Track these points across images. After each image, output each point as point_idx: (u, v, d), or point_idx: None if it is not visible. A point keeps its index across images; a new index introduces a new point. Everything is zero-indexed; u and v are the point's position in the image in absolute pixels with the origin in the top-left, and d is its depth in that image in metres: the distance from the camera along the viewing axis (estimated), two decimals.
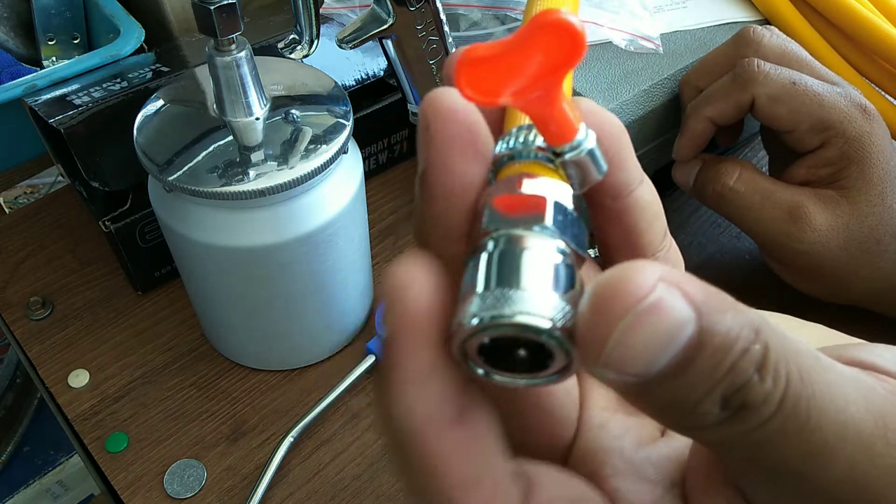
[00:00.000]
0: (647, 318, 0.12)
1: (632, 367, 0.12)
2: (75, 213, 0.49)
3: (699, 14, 0.46)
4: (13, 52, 0.52)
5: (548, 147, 0.15)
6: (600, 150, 0.15)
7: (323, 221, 0.34)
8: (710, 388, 0.12)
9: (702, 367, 0.12)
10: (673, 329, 0.12)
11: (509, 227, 0.14)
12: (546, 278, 0.13)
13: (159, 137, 0.33)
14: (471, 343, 0.13)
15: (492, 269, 0.14)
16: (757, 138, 0.54)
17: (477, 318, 0.13)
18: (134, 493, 0.37)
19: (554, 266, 0.13)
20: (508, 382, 0.14)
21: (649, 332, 0.12)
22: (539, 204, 0.14)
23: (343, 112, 0.34)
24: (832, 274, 0.39)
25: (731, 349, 0.12)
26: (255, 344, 0.40)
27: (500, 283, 0.13)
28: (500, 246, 0.14)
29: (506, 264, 0.13)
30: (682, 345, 0.12)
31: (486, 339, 0.13)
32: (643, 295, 0.12)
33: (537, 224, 0.14)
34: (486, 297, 0.13)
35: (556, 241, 0.14)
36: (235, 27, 0.30)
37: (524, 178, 0.15)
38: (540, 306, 0.13)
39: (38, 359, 0.42)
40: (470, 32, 0.43)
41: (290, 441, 0.38)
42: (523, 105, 0.14)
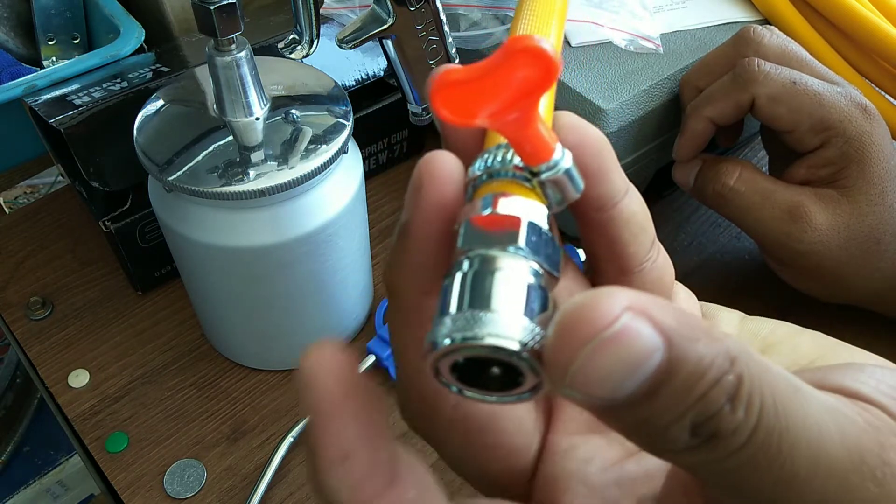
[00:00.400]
0: (610, 345, 0.12)
1: (597, 391, 0.12)
2: (75, 213, 0.49)
3: (699, 14, 0.46)
4: (13, 52, 0.52)
5: (525, 167, 0.15)
6: (577, 168, 0.15)
7: (323, 221, 0.34)
8: (679, 415, 0.12)
9: (670, 394, 0.12)
10: (639, 357, 0.12)
11: (484, 246, 0.14)
12: (517, 300, 0.13)
13: (159, 137, 0.33)
14: (443, 362, 0.14)
15: (465, 290, 0.14)
16: (757, 138, 0.54)
17: (448, 339, 0.13)
18: (134, 493, 0.37)
19: (526, 288, 0.14)
20: (480, 399, 0.14)
21: (613, 359, 0.12)
22: (514, 224, 0.14)
23: (343, 112, 0.34)
24: (832, 274, 0.39)
25: (703, 378, 0.12)
26: (255, 344, 0.40)
27: (472, 304, 0.13)
28: (473, 266, 0.14)
29: (478, 285, 0.14)
30: (649, 372, 0.12)
31: (459, 357, 0.13)
32: (607, 323, 0.12)
33: (511, 245, 0.14)
34: (458, 318, 0.13)
35: (529, 263, 0.14)
36: (235, 27, 0.30)
37: (500, 197, 0.15)
38: (510, 328, 0.13)
39: (38, 359, 0.42)
40: (470, 32, 0.43)
41: (290, 441, 0.38)
42: (499, 127, 0.14)
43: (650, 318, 0.12)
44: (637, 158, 0.43)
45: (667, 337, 0.12)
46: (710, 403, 0.12)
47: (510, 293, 0.14)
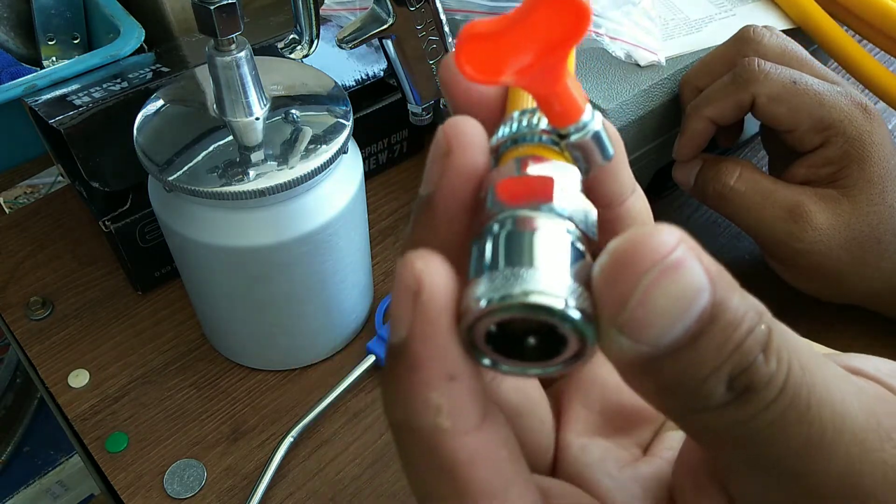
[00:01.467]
0: (670, 276, 0.11)
1: (649, 330, 0.12)
2: (75, 213, 0.49)
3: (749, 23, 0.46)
4: (13, 52, 0.52)
5: (552, 129, 0.14)
6: (607, 133, 0.14)
7: (323, 221, 0.34)
8: (718, 365, 0.12)
9: (712, 342, 0.12)
10: (691, 294, 0.12)
11: (516, 207, 0.13)
12: (556, 258, 0.12)
13: (159, 137, 0.33)
14: (478, 329, 0.13)
15: (499, 251, 0.13)
16: (757, 138, 0.54)
17: (485, 300, 0.12)
18: (134, 493, 0.37)
19: (564, 246, 0.13)
20: (518, 372, 0.13)
21: (670, 292, 0.11)
22: (546, 185, 0.13)
23: (343, 112, 0.34)
24: (833, 273, 0.39)
25: (740, 326, 0.12)
26: (255, 344, 0.40)
27: (509, 263, 0.12)
28: (506, 227, 0.13)
29: (514, 245, 0.13)
30: (696, 314, 0.12)
31: (493, 325, 0.12)
32: (666, 252, 0.11)
33: (545, 205, 0.13)
34: (495, 277, 0.12)
35: (565, 222, 0.13)
36: (235, 27, 0.30)
37: (529, 160, 0.14)
38: (552, 285, 0.12)
39: (38, 359, 0.42)
40: None
41: (290, 441, 0.38)
42: (527, 83, 0.13)
43: (700, 258, 0.12)
44: (637, 158, 0.43)
45: (711, 280, 0.12)
46: (746, 353, 0.12)
47: (550, 251, 0.13)
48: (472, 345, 0.13)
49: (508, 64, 0.13)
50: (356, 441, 0.39)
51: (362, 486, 0.37)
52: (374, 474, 0.38)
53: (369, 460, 0.38)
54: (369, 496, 0.37)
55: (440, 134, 0.14)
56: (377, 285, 0.45)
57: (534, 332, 0.13)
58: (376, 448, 0.39)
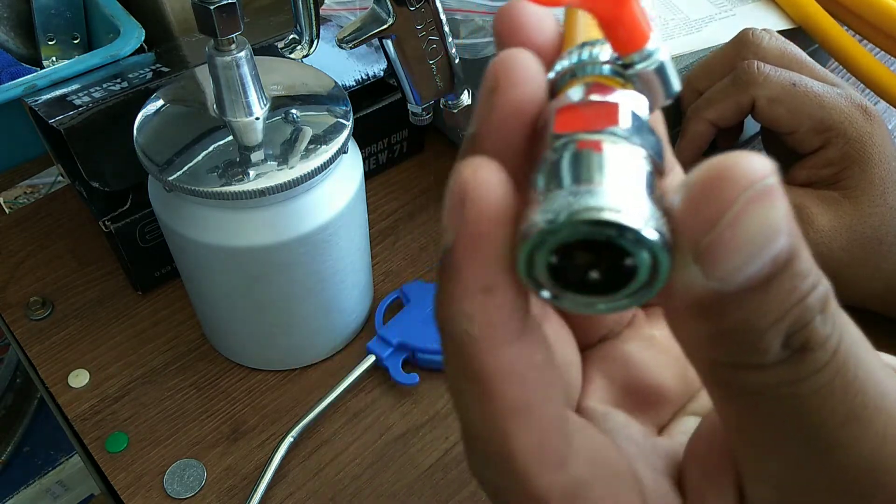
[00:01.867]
0: (762, 203, 0.11)
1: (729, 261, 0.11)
2: (75, 213, 0.49)
3: (747, 22, 0.46)
4: (13, 52, 0.52)
5: (615, 59, 0.14)
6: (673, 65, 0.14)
7: (323, 221, 0.34)
8: (780, 317, 0.12)
9: (780, 289, 0.11)
10: (774, 230, 0.11)
11: (582, 130, 0.12)
12: (630, 177, 0.12)
13: (159, 137, 0.33)
14: (538, 256, 0.12)
15: (563, 172, 0.12)
16: (757, 138, 0.54)
17: (548, 218, 0.11)
18: (134, 493, 0.37)
19: (637, 167, 0.12)
20: (580, 306, 0.12)
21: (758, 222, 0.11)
22: (612, 110, 0.13)
23: (343, 112, 0.34)
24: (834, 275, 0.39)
25: (807, 279, 0.12)
26: (255, 344, 0.40)
27: (577, 180, 0.12)
28: (569, 150, 0.12)
29: (582, 164, 0.12)
30: (773, 255, 0.11)
31: (554, 253, 0.12)
32: (762, 177, 0.11)
33: (611, 128, 0.12)
34: (560, 196, 0.11)
35: (634, 147, 0.12)
36: (235, 27, 0.30)
37: (593, 87, 0.13)
38: (627, 202, 0.11)
39: (38, 359, 0.42)
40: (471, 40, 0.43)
41: (290, 441, 0.37)
42: (590, 4, 0.13)
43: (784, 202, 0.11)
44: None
45: (789, 223, 0.11)
46: (808, 309, 0.12)
47: (622, 171, 0.12)
48: (530, 274, 0.12)
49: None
50: (356, 441, 0.39)
51: (362, 486, 0.37)
52: (374, 474, 0.38)
53: (369, 460, 0.38)
54: (369, 496, 0.37)
55: (489, 68, 0.13)
56: (377, 285, 0.45)
57: (597, 266, 0.12)
58: (376, 448, 0.39)
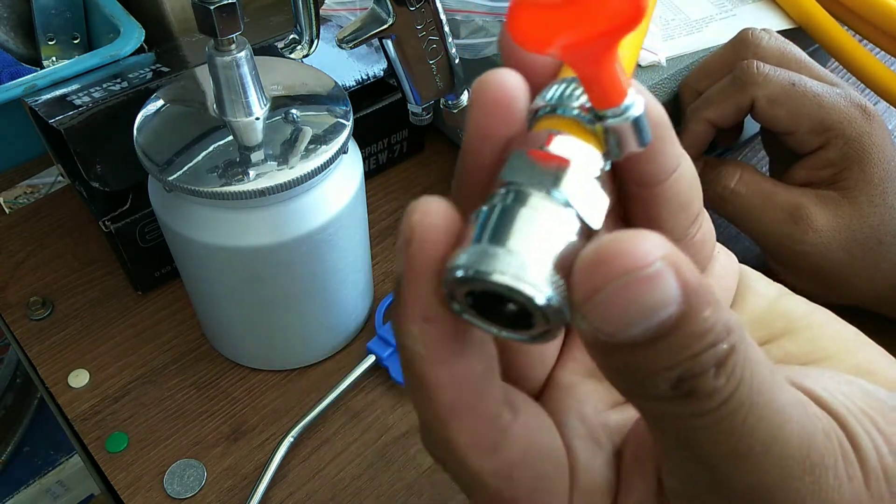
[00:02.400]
0: (640, 286, 0.12)
1: (607, 326, 0.12)
2: (75, 213, 0.49)
3: (748, 22, 0.46)
4: (13, 52, 0.52)
5: (591, 108, 0.14)
6: (647, 120, 0.14)
7: (323, 221, 0.34)
8: (668, 367, 0.13)
9: (668, 347, 0.13)
10: (657, 305, 0.12)
11: (524, 181, 0.14)
12: (541, 242, 0.13)
13: (159, 137, 0.33)
14: (459, 289, 0.13)
15: (490, 223, 0.13)
16: (757, 138, 0.54)
17: (461, 270, 0.13)
18: (134, 493, 0.37)
19: (553, 233, 0.13)
20: (493, 333, 0.14)
21: (636, 300, 0.12)
22: (561, 165, 0.14)
23: (343, 112, 0.34)
24: (834, 275, 0.39)
25: (701, 339, 0.13)
26: (255, 344, 0.40)
27: (493, 238, 0.13)
28: (506, 200, 0.14)
29: (505, 220, 0.13)
30: (659, 321, 0.12)
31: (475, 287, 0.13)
32: (644, 264, 0.12)
33: (551, 187, 0.14)
34: (475, 250, 0.13)
35: (564, 209, 0.13)
36: (235, 27, 0.30)
37: (555, 135, 0.14)
38: (525, 270, 0.13)
39: (38, 359, 0.42)
40: (471, 40, 0.43)
41: (290, 441, 0.38)
42: (571, 60, 0.13)
43: (678, 272, 0.12)
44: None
45: (686, 294, 0.12)
46: (699, 364, 0.13)
47: (537, 234, 0.13)
48: (452, 298, 0.14)
49: (557, 38, 0.13)
50: (356, 441, 0.39)
51: (362, 486, 0.37)
52: (374, 474, 0.38)
53: (369, 460, 0.38)
54: (369, 496, 0.37)
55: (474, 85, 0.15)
56: (377, 285, 0.45)
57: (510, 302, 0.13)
58: (376, 448, 0.39)
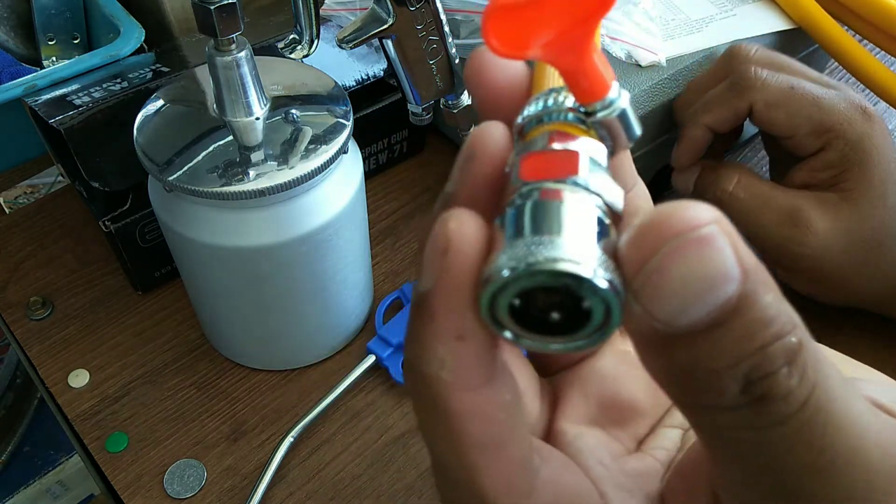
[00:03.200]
0: (692, 249, 0.11)
1: (664, 305, 0.11)
2: (75, 213, 0.49)
3: (748, 22, 0.46)
4: (13, 52, 0.52)
5: (578, 107, 0.14)
6: (633, 111, 0.14)
7: (323, 221, 0.34)
8: (735, 361, 0.11)
9: (733, 334, 0.11)
10: (715, 276, 0.11)
11: (542, 180, 0.13)
12: (583, 228, 0.12)
13: (159, 137, 0.33)
14: (500, 300, 0.12)
15: (523, 221, 0.13)
16: (756, 139, 0.54)
17: (507, 270, 0.12)
18: (134, 493, 0.37)
19: (590, 217, 0.13)
20: (539, 347, 0.13)
21: (691, 269, 0.11)
22: (572, 159, 0.13)
23: (343, 112, 0.34)
24: (834, 277, 0.39)
25: (767, 328, 0.11)
26: (255, 344, 0.40)
27: (535, 231, 0.12)
28: (532, 198, 0.13)
29: (539, 214, 0.13)
30: (720, 300, 0.11)
31: (516, 298, 0.12)
32: (695, 226, 0.11)
33: (571, 177, 0.13)
34: (519, 245, 0.12)
35: (591, 196, 0.13)
36: (235, 27, 0.30)
37: (555, 136, 0.14)
38: (580, 252, 0.12)
39: (38, 359, 0.42)
40: (471, 40, 0.43)
41: (290, 441, 0.37)
42: (553, 58, 0.13)
43: (734, 245, 0.11)
44: (637, 158, 0.43)
45: (745, 272, 0.11)
46: (769, 359, 0.11)
47: (576, 221, 0.12)
48: (493, 317, 0.13)
49: (535, 37, 0.13)
50: (356, 441, 0.39)
51: (362, 486, 0.37)
52: (374, 474, 0.38)
53: (369, 460, 0.38)
54: (369, 496, 0.37)
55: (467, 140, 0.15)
56: (377, 285, 0.45)
57: (556, 307, 0.12)
58: (376, 448, 0.39)
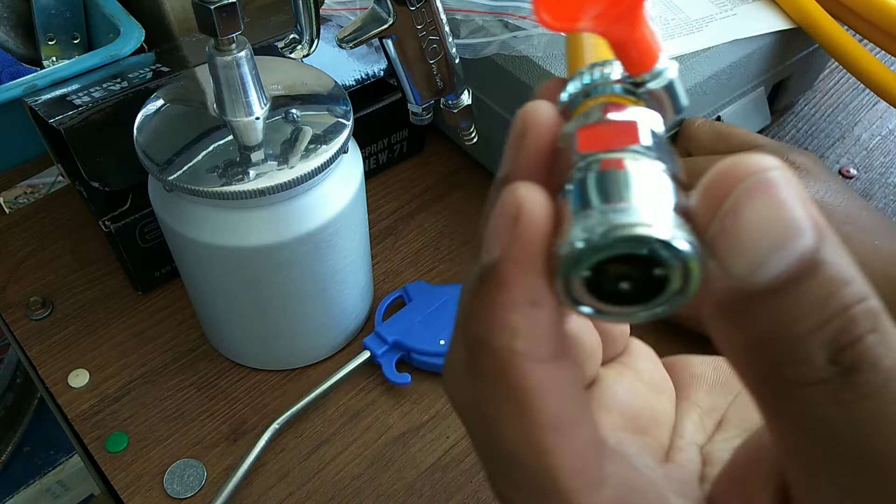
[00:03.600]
0: (762, 192, 0.11)
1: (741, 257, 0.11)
2: (75, 213, 0.49)
3: (747, 22, 0.46)
4: (13, 52, 0.52)
5: (626, 78, 0.14)
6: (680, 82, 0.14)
7: (323, 221, 0.34)
8: (820, 324, 0.11)
9: (815, 293, 0.11)
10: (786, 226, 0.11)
11: (603, 150, 0.13)
12: (655, 192, 0.12)
13: (159, 137, 0.33)
14: (575, 273, 0.12)
15: (590, 192, 0.12)
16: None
17: (582, 240, 0.12)
18: (134, 493, 0.37)
19: (658, 183, 0.12)
20: (622, 317, 0.13)
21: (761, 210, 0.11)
22: (632, 127, 0.13)
23: (343, 112, 0.34)
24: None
25: (848, 286, 0.11)
26: (255, 344, 0.40)
27: (606, 200, 0.12)
28: (595, 169, 0.13)
29: (608, 183, 0.12)
30: (795, 254, 0.11)
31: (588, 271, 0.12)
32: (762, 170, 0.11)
33: (633, 146, 0.13)
34: (592, 215, 0.12)
35: (655, 162, 0.13)
36: (235, 26, 0.30)
37: (609, 107, 0.14)
38: (655, 216, 0.12)
39: (38, 359, 0.42)
40: (471, 39, 0.43)
41: (275, 428, 0.37)
42: (604, 29, 0.13)
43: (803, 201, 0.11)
44: None
45: (817, 228, 0.11)
46: (855, 321, 0.11)
47: (647, 186, 0.12)
48: (569, 292, 0.13)
49: (585, 9, 0.13)
50: (356, 441, 0.39)
51: (362, 486, 0.37)
52: (374, 474, 0.38)
53: (369, 460, 0.38)
54: (369, 496, 0.37)
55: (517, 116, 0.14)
56: (377, 285, 0.45)
57: (626, 277, 0.12)
58: (376, 448, 0.39)
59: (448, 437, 0.39)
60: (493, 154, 0.50)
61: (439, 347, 0.40)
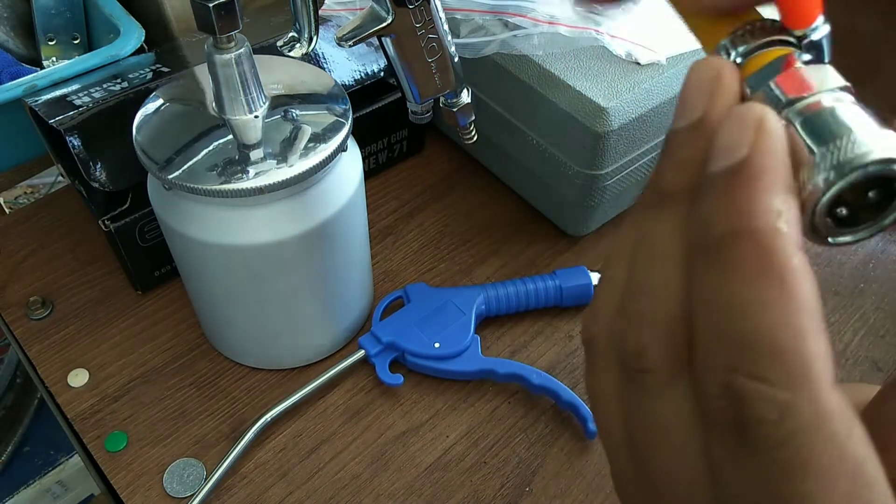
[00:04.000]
0: None
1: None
2: (75, 213, 0.49)
3: None
4: (13, 52, 0.52)
5: (790, 31, 0.16)
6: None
7: (322, 220, 0.34)
8: None
9: None
10: None
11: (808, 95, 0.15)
12: (870, 122, 0.14)
13: (159, 136, 0.33)
14: (821, 208, 0.14)
15: (817, 131, 0.14)
16: None
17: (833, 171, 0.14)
18: (134, 493, 0.37)
19: (868, 114, 0.14)
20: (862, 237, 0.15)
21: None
22: (827, 71, 0.15)
23: (342, 110, 0.34)
24: None
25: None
26: (255, 343, 0.40)
27: (832, 138, 0.14)
28: (807, 113, 0.15)
29: (828, 124, 0.14)
30: None
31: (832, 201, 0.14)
32: None
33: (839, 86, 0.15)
34: (826, 154, 0.14)
35: (854, 99, 0.15)
36: (234, 25, 0.30)
37: (790, 58, 0.15)
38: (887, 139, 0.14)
39: (37, 358, 0.42)
40: (471, 39, 0.43)
41: (264, 421, 0.37)
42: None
43: None
44: (638, 157, 0.43)
45: None
46: None
47: (862, 118, 0.14)
48: (814, 224, 0.15)
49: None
50: (356, 440, 0.39)
51: (362, 486, 0.37)
52: (374, 474, 0.38)
53: (369, 460, 0.38)
54: (369, 495, 0.37)
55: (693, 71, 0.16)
56: (377, 285, 0.45)
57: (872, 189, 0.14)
58: (376, 447, 0.39)
59: (448, 437, 0.39)
60: (493, 153, 0.50)
61: (433, 350, 0.40)
